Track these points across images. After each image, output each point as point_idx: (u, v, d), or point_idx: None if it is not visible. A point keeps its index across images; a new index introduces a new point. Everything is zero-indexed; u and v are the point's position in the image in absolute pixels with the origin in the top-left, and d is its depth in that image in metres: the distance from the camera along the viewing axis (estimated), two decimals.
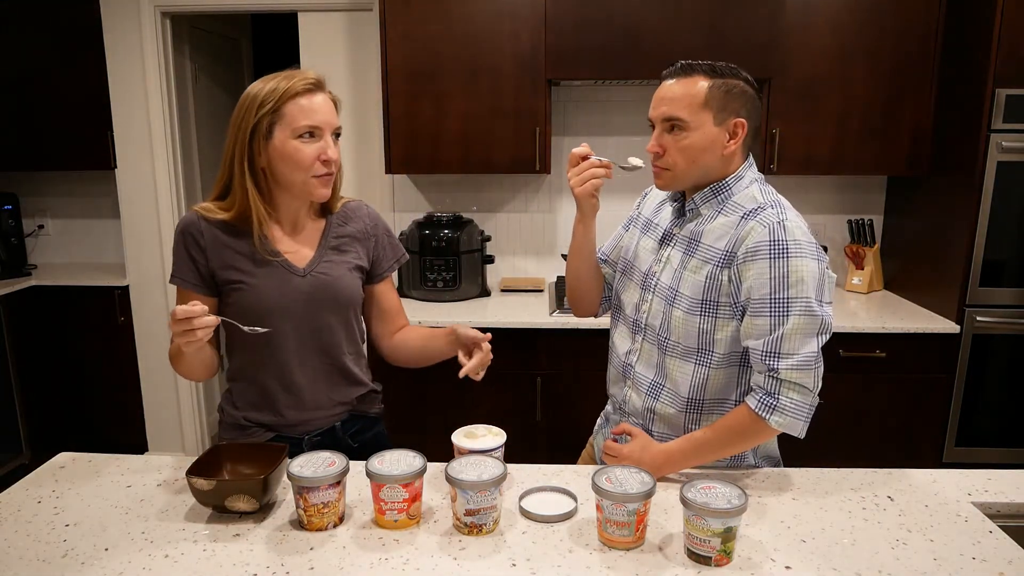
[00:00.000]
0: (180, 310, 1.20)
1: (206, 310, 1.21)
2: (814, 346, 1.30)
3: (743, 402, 1.34)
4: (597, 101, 3.18)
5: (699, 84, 1.35)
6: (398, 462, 1.21)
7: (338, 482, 1.19)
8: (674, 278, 1.42)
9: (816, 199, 3.22)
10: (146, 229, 3.40)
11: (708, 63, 1.37)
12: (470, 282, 2.97)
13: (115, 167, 3.36)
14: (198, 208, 1.44)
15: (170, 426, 3.57)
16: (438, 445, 1.48)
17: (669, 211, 1.51)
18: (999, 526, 1.23)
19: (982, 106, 2.48)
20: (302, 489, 1.17)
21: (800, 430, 1.31)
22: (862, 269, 3.09)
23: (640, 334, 1.50)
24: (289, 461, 1.23)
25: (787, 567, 1.10)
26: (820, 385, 1.31)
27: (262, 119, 1.35)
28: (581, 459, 1.72)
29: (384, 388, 1.68)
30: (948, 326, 2.61)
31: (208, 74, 3.83)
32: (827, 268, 1.35)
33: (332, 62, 3.23)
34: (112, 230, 3.77)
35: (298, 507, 1.20)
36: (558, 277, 3.21)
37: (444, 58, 2.78)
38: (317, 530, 1.20)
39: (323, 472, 1.17)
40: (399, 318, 1.66)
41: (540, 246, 3.34)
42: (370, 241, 1.57)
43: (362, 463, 1.23)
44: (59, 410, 3.51)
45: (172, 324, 1.21)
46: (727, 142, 1.38)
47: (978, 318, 2.60)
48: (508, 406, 2.73)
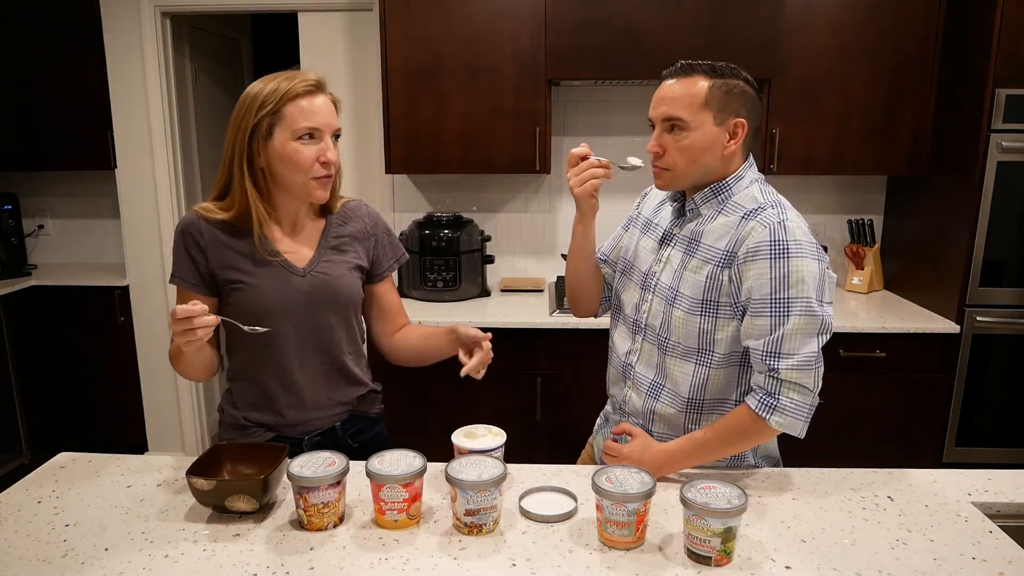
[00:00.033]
0: (180, 310, 1.20)
1: (206, 310, 1.22)
2: (814, 346, 1.30)
3: (743, 402, 1.34)
4: (597, 101, 3.17)
5: (699, 84, 1.35)
6: (398, 462, 1.21)
7: (338, 482, 1.19)
8: (674, 278, 1.42)
9: (816, 199, 3.22)
10: (146, 229, 3.41)
11: (708, 63, 1.37)
12: (470, 282, 2.97)
13: (115, 167, 3.36)
14: (198, 208, 1.44)
15: (170, 426, 3.57)
16: (438, 445, 1.48)
17: (669, 211, 1.51)
18: (999, 526, 1.23)
19: (982, 106, 2.48)
20: (302, 489, 1.17)
21: (800, 430, 1.31)
22: (862, 269, 3.09)
23: (640, 334, 1.50)
24: (289, 461, 1.23)
25: (787, 567, 1.10)
26: (820, 385, 1.31)
27: (262, 120, 1.35)
28: (581, 459, 1.72)
29: (384, 388, 1.68)
30: (948, 326, 2.61)
31: (208, 74, 3.82)
32: (827, 268, 1.35)
33: (332, 62, 3.23)
34: (112, 230, 3.77)
35: (298, 507, 1.20)
36: (558, 277, 3.21)
37: (444, 58, 2.78)
38: (317, 530, 1.20)
39: (323, 472, 1.18)
40: (399, 317, 1.66)
41: (540, 246, 3.33)
42: (370, 241, 1.57)
43: (362, 463, 1.23)
44: (59, 410, 3.51)
45: (172, 324, 1.21)
46: (727, 142, 1.38)
47: (978, 318, 2.60)
48: (508, 406, 2.73)
